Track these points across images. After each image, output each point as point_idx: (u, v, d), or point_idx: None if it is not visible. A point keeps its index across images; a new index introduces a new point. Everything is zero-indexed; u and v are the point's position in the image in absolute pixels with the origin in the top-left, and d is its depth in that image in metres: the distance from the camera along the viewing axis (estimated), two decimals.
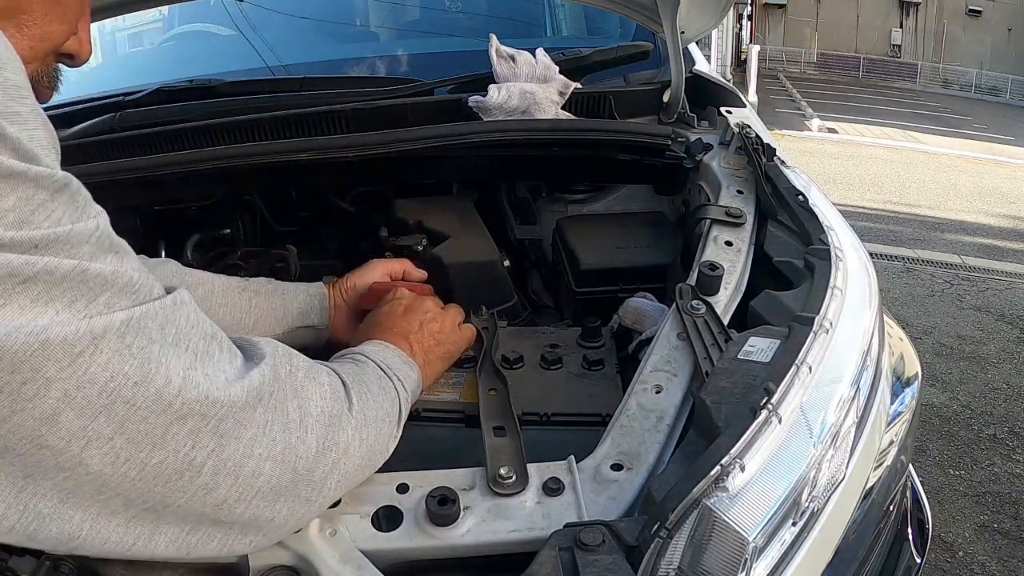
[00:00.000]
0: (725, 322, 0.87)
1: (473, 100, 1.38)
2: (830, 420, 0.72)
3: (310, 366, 0.62)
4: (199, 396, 0.46)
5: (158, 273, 0.67)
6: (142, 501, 0.47)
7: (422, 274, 1.08)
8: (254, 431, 0.51)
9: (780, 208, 1.09)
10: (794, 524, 0.66)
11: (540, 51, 1.45)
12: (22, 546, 0.46)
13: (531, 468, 0.70)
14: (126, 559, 0.52)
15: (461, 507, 0.66)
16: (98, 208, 0.46)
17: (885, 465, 0.90)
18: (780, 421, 0.66)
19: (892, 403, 0.99)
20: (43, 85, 0.57)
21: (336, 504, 0.68)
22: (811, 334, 0.76)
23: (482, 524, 0.66)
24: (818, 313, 0.80)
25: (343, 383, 0.65)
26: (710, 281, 0.92)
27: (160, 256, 1.23)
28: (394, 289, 0.96)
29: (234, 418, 0.49)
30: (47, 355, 0.39)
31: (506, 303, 1.22)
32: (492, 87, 1.38)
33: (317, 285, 1.01)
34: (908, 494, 1.11)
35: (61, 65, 0.62)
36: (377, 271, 1.03)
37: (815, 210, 1.05)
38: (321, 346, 1.00)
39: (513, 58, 1.43)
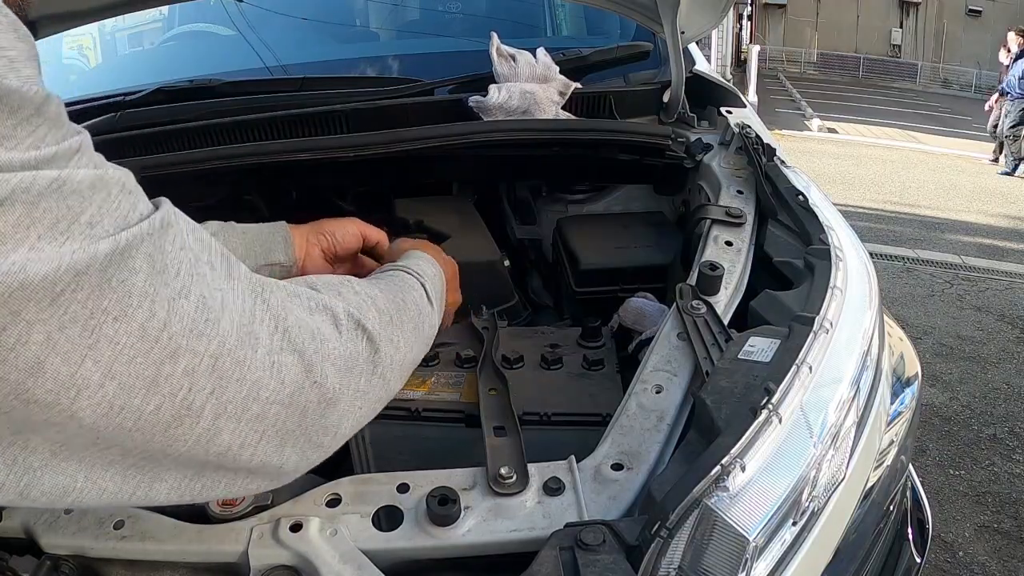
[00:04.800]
0: (725, 322, 0.87)
1: (473, 100, 1.38)
2: (830, 420, 0.72)
3: (332, 300, 0.58)
4: (184, 329, 0.42)
5: None
6: (140, 451, 0.44)
7: (385, 243, 1.01)
8: (260, 373, 0.47)
9: (780, 208, 1.09)
10: (794, 524, 0.66)
11: (540, 51, 1.45)
12: (14, 506, 0.44)
13: (531, 468, 0.70)
14: (126, 505, 0.50)
15: (461, 507, 0.66)
16: (78, 127, 0.41)
17: (885, 465, 0.90)
18: (780, 421, 0.66)
19: (892, 403, 0.99)
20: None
21: (337, 504, 0.69)
22: (811, 334, 0.76)
23: (482, 524, 0.66)
24: (818, 313, 0.80)
25: (366, 330, 0.59)
26: (710, 281, 0.92)
27: None
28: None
29: (232, 357, 0.45)
30: (27, 296, 0.36)
31: (506, 303, 1.22)
32: (492, 87, 1.38)
33: (279, 223, 0.93)
34: (908, 494, 1.11)
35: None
36: (352, 227, 0.97)
37: (815, 210, 1.05)
38: None
39: (514, 58, 1.43)
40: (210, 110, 1.42)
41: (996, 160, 8.47)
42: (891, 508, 0.95)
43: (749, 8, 17.06)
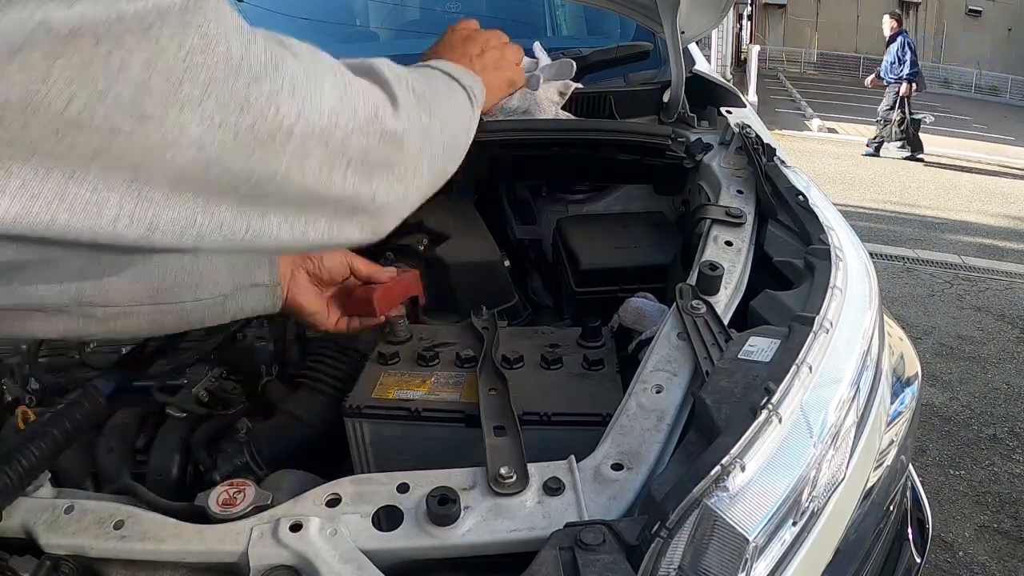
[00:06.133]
0: (725, 322, 0.87)
1: None
2: (830, 420, 0.72)
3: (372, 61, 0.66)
4: (260, 62, 0.49)
5: None
6: (246, 174, 0.50)
7: (382, 276, 1.02)
8: (333, 103, 0.54)
9: (780, 208, 1.09)
10: (794, 524, 0.66)
11: (538, 47, 1.45)
12: (141, 244, 0.47)
13: (531, 468, 0.70)
14: (244, 248, 0.54)
15: (461, 507, 0.66)
16: None
17: (885, 465, 0.90)
18: (780, 421, 0.66)
19: (892, 403, 0.99)
20: None
21: (337, 504, 0.69)
22: (811, 334, 0.76)
23: (482, 524, 0.66)
24: (818, 313, 0.80)
25: (414, 89, 0.68)
26: (710, 281, 0.92)
27: None
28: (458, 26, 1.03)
29: (307, 86, 0.52)
30: (124, 26, 0.41)
31: (506, 303, 1.22)
32: None
33: None
34: (908, 494, 1.11)
35: None
36: (340, 257, 0.98)
37: (815, 210, 1.05)
38: (276, 311, 0.92)
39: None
40: None
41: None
42: (891, 508, 0.95)
43: (749, 8, 17.05)
